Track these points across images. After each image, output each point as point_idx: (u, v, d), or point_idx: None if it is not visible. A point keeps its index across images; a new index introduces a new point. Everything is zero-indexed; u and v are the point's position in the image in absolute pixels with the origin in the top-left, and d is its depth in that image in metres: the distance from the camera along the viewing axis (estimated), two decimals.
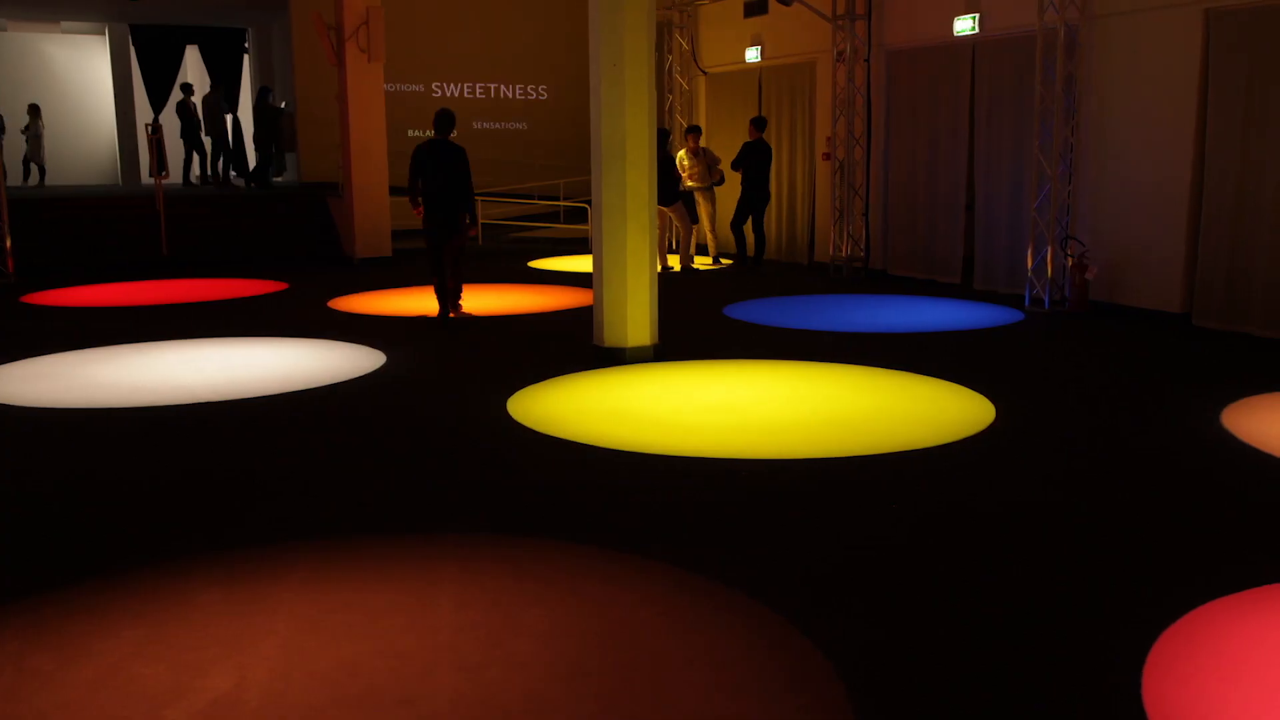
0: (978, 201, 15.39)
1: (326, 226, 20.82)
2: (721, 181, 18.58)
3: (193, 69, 30.93)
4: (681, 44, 21.48)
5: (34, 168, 25.93)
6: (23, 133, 25.81)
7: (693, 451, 7.59)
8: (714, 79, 21.27)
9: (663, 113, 21.41)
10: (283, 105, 24.82)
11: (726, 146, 19.38)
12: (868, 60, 17.08)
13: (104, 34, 28.39)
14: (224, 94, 25.51)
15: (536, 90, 25.86)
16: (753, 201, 18.45)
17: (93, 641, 4.64)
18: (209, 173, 25.12)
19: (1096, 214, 13.59)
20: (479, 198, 22.62)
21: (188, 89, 24.80)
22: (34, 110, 25.74)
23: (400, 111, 23.06)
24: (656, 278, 10.93)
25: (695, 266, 18.30)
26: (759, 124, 18.47)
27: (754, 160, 18.30)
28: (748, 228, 18.64)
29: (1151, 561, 5.57)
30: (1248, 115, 11.61)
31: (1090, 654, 4.52)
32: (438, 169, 12.68)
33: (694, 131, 18.59)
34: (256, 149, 24.30)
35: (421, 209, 12.86)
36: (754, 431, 8.16)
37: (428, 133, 24.67)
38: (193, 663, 4.44)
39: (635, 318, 10.70)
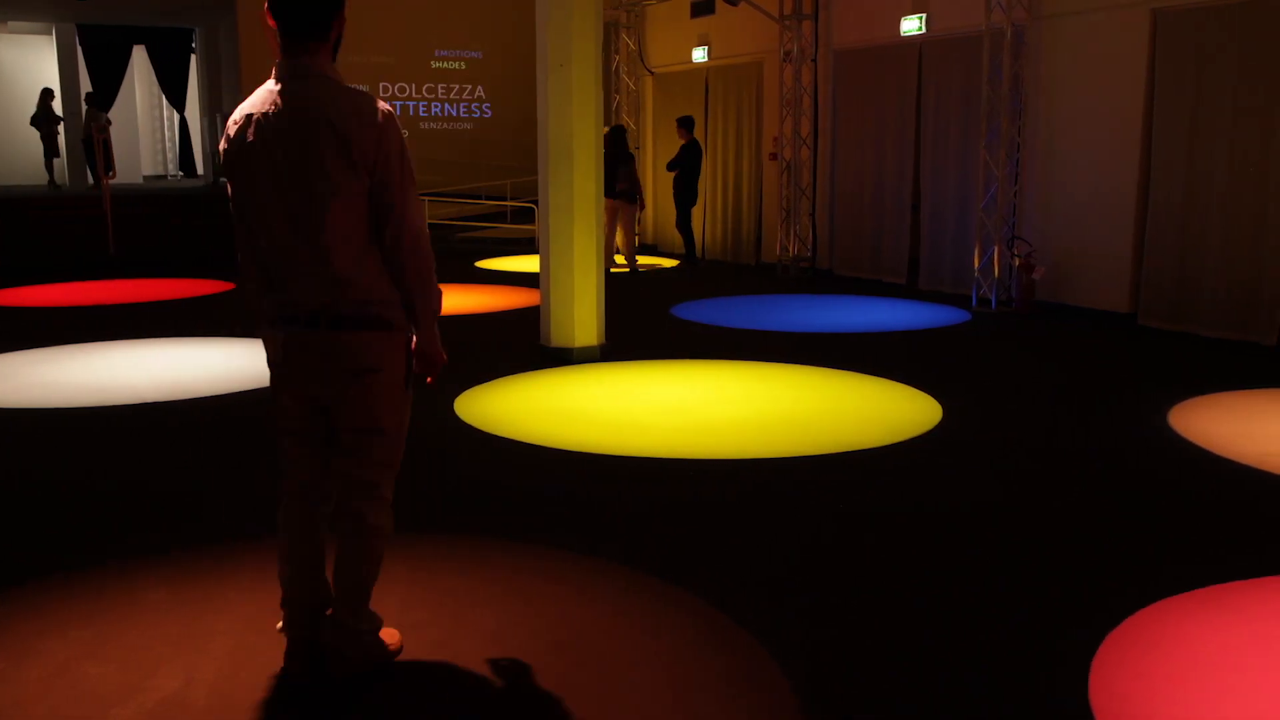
0: (924, 201, 15.49)
1: None
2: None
3: (140, 69, 30.72)
4: (628, 44, 21.53)
5: None
6: None
7: (640, 451, 7.62)
8: (661, 79, 21.31)
9: (610, 113, 21.45)
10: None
11: (676, 148, 19.41)
12: (815, 60, 17.17)
13: (51, 34, 28.15)
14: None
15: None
16: (685, 202, 18.63)
17: (41, 641, 4.62)
18: None
19: (1043, 214, 13.71)
20: (427, 197, 22.63)
21: None
22: None
23: None
24: (604, 278, 10.95)
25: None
26: (688, 124, 18.54)
27: (689, 161, 18.45)
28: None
29: (1098, 561, 5.63)
30: (1194, 115, 11.74)
31: (1037, 654, 4.57)
32: None
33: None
34: None
35: None
36: (701, 432, 8.19)
37: None
38: (141, 662, 4.43)
39: (582, 318, 10.72)
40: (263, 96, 4.01)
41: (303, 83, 3.95)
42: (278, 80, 4.00)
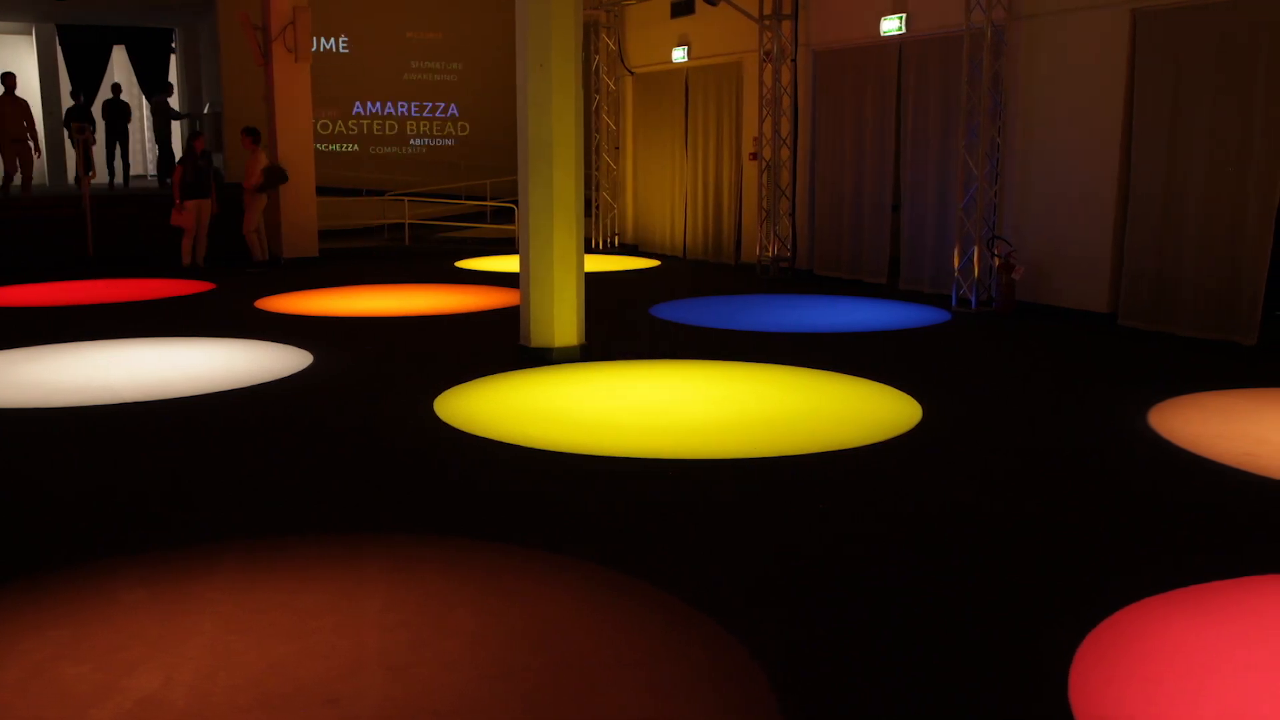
0: (904, 202, 15.50)
1: None
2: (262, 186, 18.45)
3: (120, 69, 30.58)
4: (608, 44, 21.53)
5: None
6: None
7: (620, 451, 7.61)
8: (641, 79, 21.31)
9: (590, 113, 21.44)
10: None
11: (656, 148, 19.39)
12: (794, 60, 17.18)
13: (31, 34, 28.02)
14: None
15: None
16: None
17: (18, 642, 4.60)
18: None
19: (1023, 214, 13.74)
20: (407, 198, 22.60)
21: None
22: None
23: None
24: (583, 278, 10.93)
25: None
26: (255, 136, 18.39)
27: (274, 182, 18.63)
28: None
29: (1078, 561, 5.64)
30: (1174, 116, 11.77)
31: (1017, 654, 4.58)
32: None
33: (248, 133, 18.37)
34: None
35: None
36: (681, 432, 8.19)
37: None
38: (119, 663, 4.41)
39: (562, 318, 10.71)
40: None
41: None
42: None
